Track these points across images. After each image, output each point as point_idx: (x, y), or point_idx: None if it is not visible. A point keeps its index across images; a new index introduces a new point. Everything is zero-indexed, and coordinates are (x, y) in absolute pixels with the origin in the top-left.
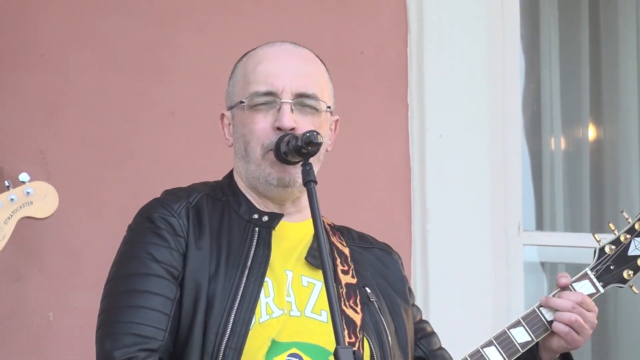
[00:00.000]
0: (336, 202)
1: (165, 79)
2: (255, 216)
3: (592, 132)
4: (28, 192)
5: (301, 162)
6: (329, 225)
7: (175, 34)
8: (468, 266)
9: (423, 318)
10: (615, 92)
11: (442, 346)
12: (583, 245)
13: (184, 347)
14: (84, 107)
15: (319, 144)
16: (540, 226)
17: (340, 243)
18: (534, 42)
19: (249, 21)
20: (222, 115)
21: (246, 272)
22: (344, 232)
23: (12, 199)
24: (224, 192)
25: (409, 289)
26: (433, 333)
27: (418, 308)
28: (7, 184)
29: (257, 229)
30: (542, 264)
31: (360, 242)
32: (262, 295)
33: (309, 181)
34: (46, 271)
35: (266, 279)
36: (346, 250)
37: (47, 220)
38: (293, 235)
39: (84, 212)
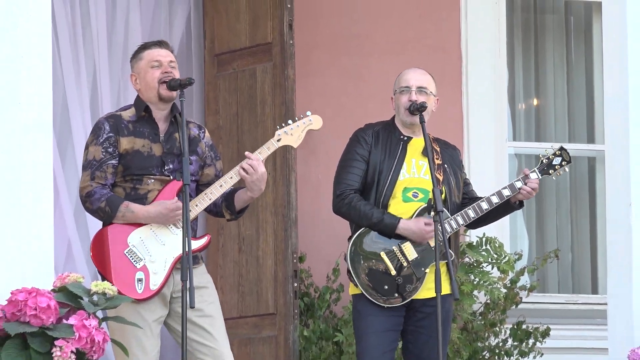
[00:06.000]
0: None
1: (366, 82)
2: (402, 137)
3: (537, 100)
4: (310, 120)
5: (418, 114)
6: (429, 137)
7: (372, 59)
8: (486, 159)
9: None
10: (544, 78)
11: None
12: (538, 147)
13: (371, 189)
14: (346, 86)
15: (425, 107)
16: (516, 139)
17: (436, 145)
18: (511, 59)
19: (408, 57)
20: (392, 98)
21: (395, 160)
22: (437, 140)
23: (304, 122)
24: (390, 125)
25: (462, 165)
26: (470, 184)
27: (465, 174)
28: (295, 119)
29: (401, 142)
30: (516, 156)
31: (444, 145)
32: (401, 168)
33: (422, 122)
34: (317, 155)
35: (404, 163)
36: (438, 149)
37: (314, 133)
38: (417, 144)
39: (332, 127)
